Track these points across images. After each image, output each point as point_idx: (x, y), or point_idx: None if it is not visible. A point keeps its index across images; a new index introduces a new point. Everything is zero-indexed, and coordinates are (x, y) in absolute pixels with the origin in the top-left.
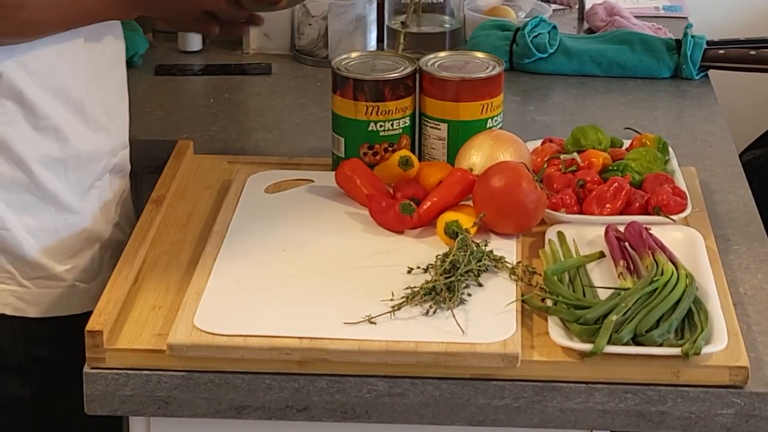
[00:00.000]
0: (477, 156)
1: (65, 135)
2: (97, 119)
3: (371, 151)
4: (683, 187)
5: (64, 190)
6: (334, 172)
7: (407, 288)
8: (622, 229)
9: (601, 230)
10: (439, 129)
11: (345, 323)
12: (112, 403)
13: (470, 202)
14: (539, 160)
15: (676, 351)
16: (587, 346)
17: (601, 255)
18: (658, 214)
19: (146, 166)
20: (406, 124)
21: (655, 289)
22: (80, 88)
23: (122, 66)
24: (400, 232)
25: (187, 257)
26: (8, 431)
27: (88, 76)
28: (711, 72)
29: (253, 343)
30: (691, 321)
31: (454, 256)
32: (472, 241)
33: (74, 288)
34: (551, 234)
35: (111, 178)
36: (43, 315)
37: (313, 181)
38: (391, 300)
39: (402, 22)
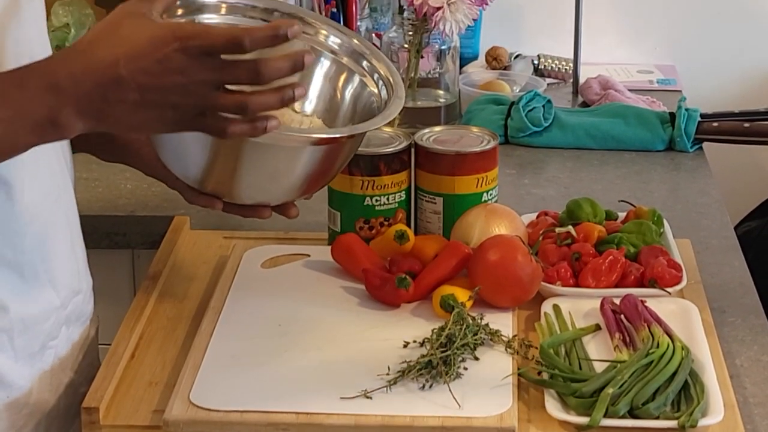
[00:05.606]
0: (472, 230)
1: (2, 302)
2: (37, 272)
3: (367, 225)
4: (678, 260)
5: (9, 363)
6: (330, 247)
7: (403, 362)
8: (617, 301)
9: (597, 303)
10: (435, 203)
11: (341, 398)
12: None
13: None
14: (534, 233)
15: (673, 424)
16: (584, 420)
17: (597, 328)
18: (654, 287)
19: (143, 242)
20: (402, 198)
21: (651, 362)
22: (11, 236)
23: (69, 190)
24: (396, 306)
25: (183, 333)
26: None
27: (24, 222)
28: (705, 144)
29: (249, 419)
30: (687, 393)
31: (450, 329)
32: (468, 315)
33: None
34: (547, 307)
35: (68, 331)
36: None
37: (309, 256)
38: (387, 374)
39: None
